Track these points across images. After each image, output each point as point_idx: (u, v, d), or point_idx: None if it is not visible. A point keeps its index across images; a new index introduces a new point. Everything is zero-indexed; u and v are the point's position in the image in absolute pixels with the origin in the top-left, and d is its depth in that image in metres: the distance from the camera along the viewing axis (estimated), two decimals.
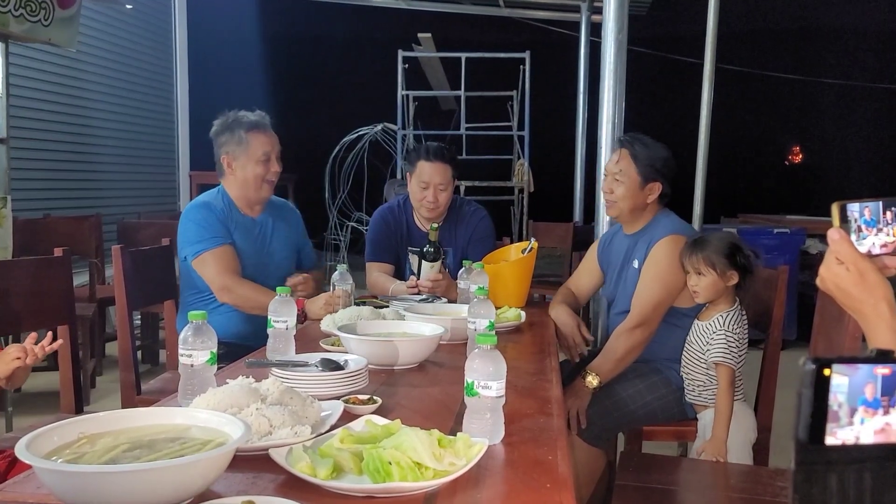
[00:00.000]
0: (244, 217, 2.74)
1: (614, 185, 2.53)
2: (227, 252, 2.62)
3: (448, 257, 3.06)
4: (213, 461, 1.02)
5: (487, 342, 1.31)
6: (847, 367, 0.69)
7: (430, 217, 2.99)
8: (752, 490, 1.96)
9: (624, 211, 2.55)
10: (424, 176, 2.96)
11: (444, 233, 3.08)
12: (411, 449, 1.10)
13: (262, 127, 2.70)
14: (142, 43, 7.45)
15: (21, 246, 4.29)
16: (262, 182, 2.69)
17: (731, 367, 2.23)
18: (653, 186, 2.52)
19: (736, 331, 2.26)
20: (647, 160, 2.50)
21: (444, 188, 2.98)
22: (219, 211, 2.70)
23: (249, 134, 2.67)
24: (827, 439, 0.69)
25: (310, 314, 2.50)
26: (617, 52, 3.29)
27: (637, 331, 2.35)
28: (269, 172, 2.69)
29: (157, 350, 5.09)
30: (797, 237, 6.16)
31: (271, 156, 2.69)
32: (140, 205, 7.04)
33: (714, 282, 2.27)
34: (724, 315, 2.28)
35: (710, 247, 2.27)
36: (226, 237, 2.65)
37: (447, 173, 2.98)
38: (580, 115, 7.93)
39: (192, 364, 1.45)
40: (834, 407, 0.69)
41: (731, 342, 2.24)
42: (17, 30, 4.34)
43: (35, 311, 2.28)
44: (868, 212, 1.08)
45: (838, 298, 1.13)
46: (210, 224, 2.65)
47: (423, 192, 2.97)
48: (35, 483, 1.09)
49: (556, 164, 9.72)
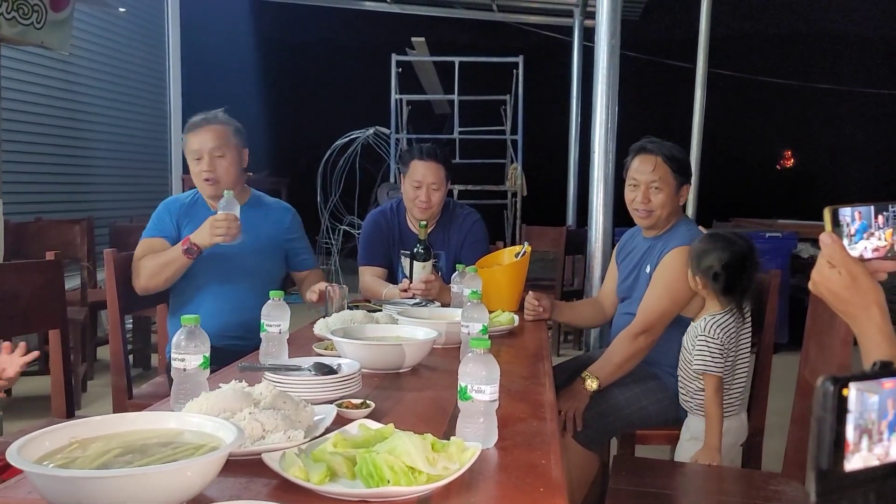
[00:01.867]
0: (209, 211, 2.71)
1: (652, 194, 2.46)
2: (156, 243, 2.65)
3: (441, 260, 3.05)
4: (206, 466, 1.01)
5: (481, 346, 1.31)
6: (872, 383, 0.66)
7: (422, 217, 2.97)
8: (746, 494, 1.97)
9: (661, 218, 2.50)
10: (417, 175, 2.95)
11: (437, 236, 3.08)
12: (405, 453, 1.09)
13: (195, 127, 2.68)
14: (135, 46, 7.44)
15: (12, 249, 4.27)
16: (201, 181, 2.68)
17: (716, 374, 2.20)
18: (684, 189, 2.52)
19: (718, 336, 2.21)
20: (679, 163, 2.48)
21: (437, 188, 2.97)
22: (178, 205, 2.74)
23: (187, 135, 2.70)
24: (848, 463, 0.66)
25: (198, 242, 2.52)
26: (610, 56, 3.30)
27: (640, 338, 2.35)
28: (201, 171, 2.66)
29: (148, 354, 5.07)
30: (789, 241, 6.18)
31: (203, 154, 2.65)
32: (132, 208, 7.02)
33: (691, 279, 2.30)
34: (709, 318, 2.25)
35: (699, 252, 2.27)
36: (164, 230, 2.68)
37: (440, 173, 2.97)
38: (573, 119, 7.96)
39: (184, 368, 1.44)
40: (868, 426, 0.66)
41: (714, 349, 2.20)
42: (9, 33, 4.33)
43: (26, 315, 2.27)
44: (860, 216, 1.09)
45: (830, 302, 1.14)
46: (158, 217, 2.72)
47: (416, 192, 2.96)
48: (26, 488, 1.08)
49: (549, 168, 9.75)
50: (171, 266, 2.57)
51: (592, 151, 3.39)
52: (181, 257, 2.54)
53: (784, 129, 16.32)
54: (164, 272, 2.58)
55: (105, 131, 6.90)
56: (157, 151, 7.90)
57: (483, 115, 9.19)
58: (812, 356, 1.99)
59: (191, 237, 2.54)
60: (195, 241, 2.53)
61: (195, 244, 2.53)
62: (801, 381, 2.06)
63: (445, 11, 9.09)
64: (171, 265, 2.57)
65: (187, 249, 2.53)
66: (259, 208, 2.80)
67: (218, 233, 2.48)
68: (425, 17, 9.09)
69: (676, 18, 8.53)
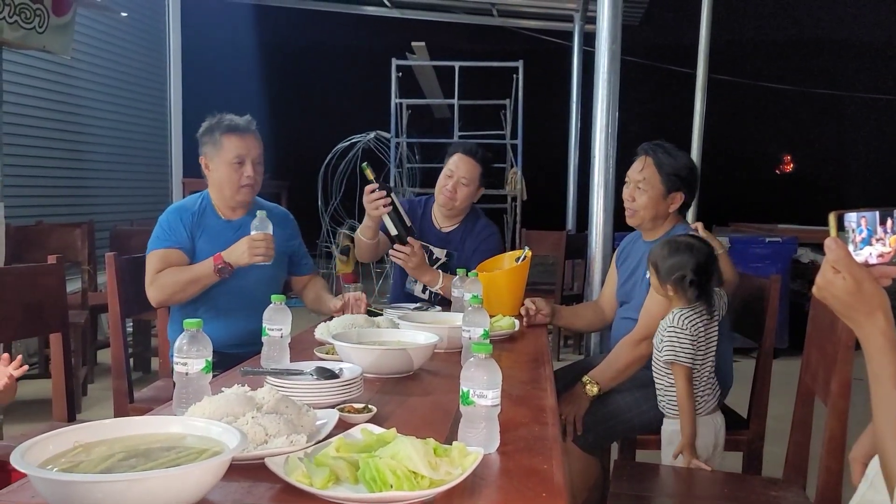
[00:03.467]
0: (219, 220, 2.68)
1: (636, 194, 2.53)
2: (172, 255, 2.58)
3: (453, 260, 3.11)
4: (209, 470, 1.02)
5: (483, 351, 1.31)
6: None
7: (444, 206, 3.08)
8: (746, 499, 1.97)
9: (645, 220, 2.56)
10: (451, 165, 3.07)
11: (456, 235, 3.15)
12: (407, 458, 1.10)
13: (239, 130, 2.63)
14: (136, 51, 7.45)
15: (13, 253, 4.28)
16: (238, 186, 2.62)
17: (685, 365, 2.17)
18: (675, 196, 2.52)
19: (687, 327, 2.17)
20: (672, 169, 2.49)
21: (467, 184, 3.04)
22: (189, 214, 2.65)
23: (224, 136, 2.61)
24: None
25: (233, 261, 2.49)
26: (610, 61, 3.30)
27: (642, 344, 2.35)
28: (242, 176, 2.61)
29: (148, 357, 5.07)
30: (789, 246, 6.18)
31: (245, 159, 2.61)
32: (133, 211, 7.03)
33: (656, 284, 2.27)
34: (677, 311, 2.21)
35: (666, 260, 2.23)
36: (179, 241, 2.60)
37: (474, 171, 3.05)
38: (573, 124, 7.97)
39: (186, 372, 1.45)
40: None
41: (683, 339, 2.17)
42: (11, 37, 4.34)
43: (27, 318, 2.27)
44: (865, 222, 1.09)
45: (834, 308, 1.13)
46: (171, 226, 2.62)
47: (446, 181, 3.06)
48: (30, 492, 1.08)
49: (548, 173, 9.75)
50: (199, 283, 2.53)
51: (592, 156, 3.39)
52: (211, 276, 2.50)
53: (784, 134, 16.34)
54: (189, 289, 2.53)
55: (106, 135, 6.90)
56: (157, 155, 7.91)
57: (483, 119, 9.18)
58: (813, 361, 1.99)
59: (224, 256, 2.48)
60: (230, 260, 2.48)
61: (228, 263, 2.48)
62: (801, 387, 2.07)
63: (446, 16, 9.11)
64: (199, 283, 2.53)
65: (220, 269, 2.48)
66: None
67: (257, 252, 2.44)
68: (425, 22, 9.11)
69: (677, 24, 8.54)
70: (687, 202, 2.57)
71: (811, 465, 1.97)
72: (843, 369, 1.71)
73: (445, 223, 3.17)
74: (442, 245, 3.13)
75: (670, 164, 2.49)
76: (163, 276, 2.54)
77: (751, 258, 5.95)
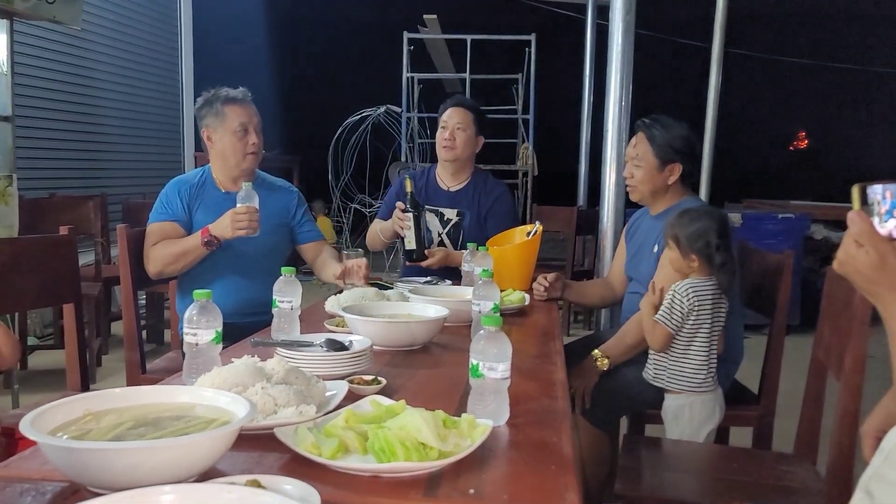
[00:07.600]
0: (218, 192, 2.72)
1: (634, 170, 2.55)
2: (168, 228, 2.63)
3: (465, 220, 3.12)
4: (218, 440, 1.02)
5: (493, 324, 1.30)
6: None
7: (447, 158, 3.10)
8: (756, 473, 1.97)
9: (645, 194, 2.57)
10: (444, 117, 3.11)
11: (466, 195, 3.15)
12: (416, 429, 1.09)
13: (238, 100, 2.69)
14: (147, 22, 7.42)
15: (26, 225, 4.30)
16: (243, 154, 2.68)
17: (668, 331, 2.14)
18: (672, 168, 2.51)
19: (689, 298, 2.14)
20: (664, 141, 2.49)
21: (463, 128, 3.07)
22: (188, 187, 2.71)
23: (226, 106, 2.67)
24: None
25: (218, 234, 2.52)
26: (625, 34, 3.27)
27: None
28: (248, 144, 2.67)
29: (161, 329, 5.11)
30: (802, 222, 6.14)
31: (248, 127, 2.67)
32: (145, 184, 7.05)
33: (677, 258, 2.21)
34: (689, 281, 2.18)
35: (686, 228, 2.19)
36: (175, 214, 2.65)
37: (466, 116, 3.09)
38: (585, 99, 7.90)
39: (196, 343, 1.45)
40: None
41: (676, 308, 2.13)
42: (21, 7, 4.32)
43: (40, 289, 2.28)
44: (890, 194, 1.05)
45: (856, 282, 1.11)
46: (168, 200, 2.68)
47: (442, 133, 3.10)
48: (40, 459, 1.09)
49: (560, 148, 9.69)
50: (189, 256, 2.57)
51: (606, 131, 3.37)
52: (199, 248, 2.54)
53: (798, 110, 16.16)
54: (180, 261, 2.59)
55: (118, 108, 6.91)
56: (169, 128, 7.91)
57: (495, 93, 9.12)
58: (826, 337, 1.97)
59: (210, 229, 2.53)
60: (215, 233, 2.53)
61: (215, 237, 2.52)
62: (814, 362, 2.05)
63: None
64: (189, 255, 2.57)
65: (207, 242, 2.52)
66: (263, 188, 2.80)
67: (240, 226, 2.48)
68: None
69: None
70: (688, 172, 2.54)
71: (822, 440, 1.97)
72: (857, 344, 1.69)
73: (453, 182, 3.18)
74: (452, 205, 3.14)
75: (662, 136, 2.50)
76: (156, 249, 2.61)
77: (763, 234, 5.91)
